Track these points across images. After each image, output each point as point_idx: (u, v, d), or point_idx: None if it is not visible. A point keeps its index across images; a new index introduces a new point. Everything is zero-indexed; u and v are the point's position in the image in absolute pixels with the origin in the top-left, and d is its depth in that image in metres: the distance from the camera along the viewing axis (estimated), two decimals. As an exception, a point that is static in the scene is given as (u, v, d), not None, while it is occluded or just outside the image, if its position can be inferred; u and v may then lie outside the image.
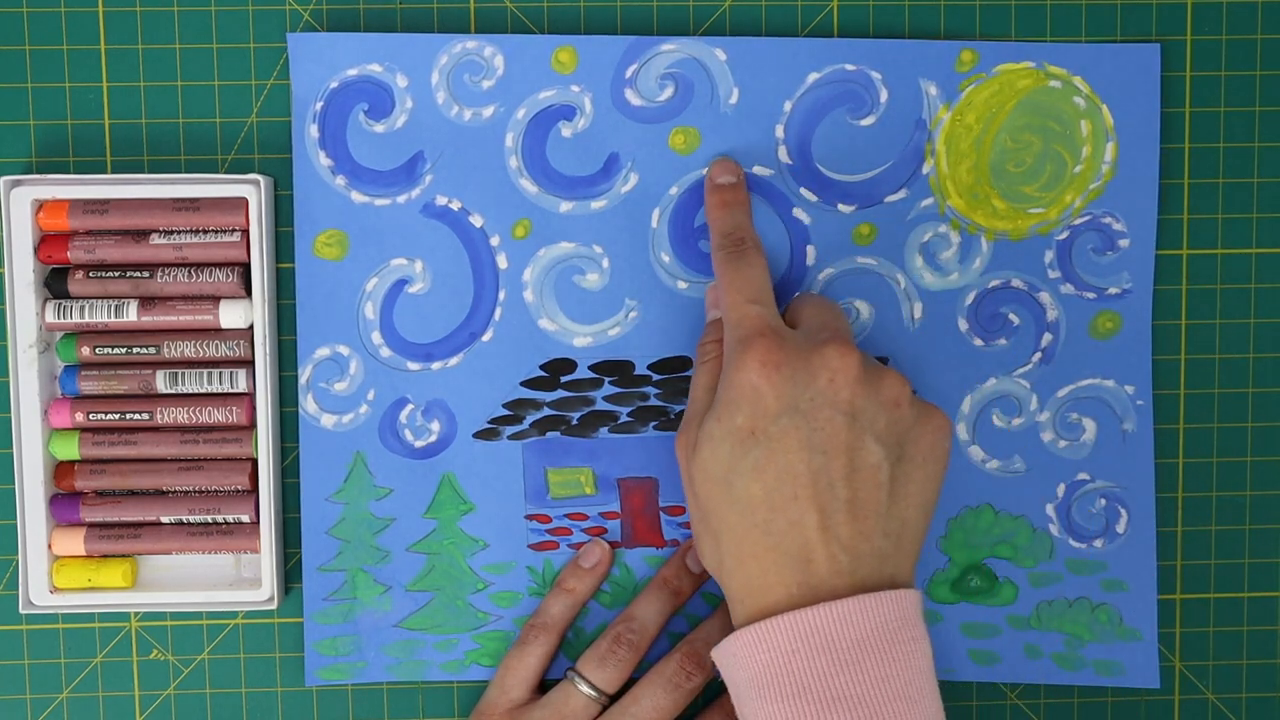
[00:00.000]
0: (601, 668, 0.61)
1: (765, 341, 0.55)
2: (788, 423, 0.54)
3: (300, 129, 0.62)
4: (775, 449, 0.54)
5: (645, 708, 0.60)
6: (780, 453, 0.54)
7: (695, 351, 0.61)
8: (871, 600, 0.53)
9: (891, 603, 0.53)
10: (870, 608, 0.53)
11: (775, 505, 0.54)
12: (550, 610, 0.63)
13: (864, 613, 0.53)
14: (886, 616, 0.53)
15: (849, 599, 0.52)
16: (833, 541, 0.54)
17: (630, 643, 0.61)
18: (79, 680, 0.64)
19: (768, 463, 0.54)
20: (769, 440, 0.54)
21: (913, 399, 0.57)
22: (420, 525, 0.64)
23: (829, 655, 0.52)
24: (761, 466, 0.54)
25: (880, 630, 0.53)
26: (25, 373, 0.61)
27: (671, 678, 0.60)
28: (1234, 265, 0.65)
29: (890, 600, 0.53)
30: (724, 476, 0.55)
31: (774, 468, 0.54)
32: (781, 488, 0.54)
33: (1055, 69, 0.63)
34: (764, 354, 0.55)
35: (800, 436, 0.54)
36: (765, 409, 0.54)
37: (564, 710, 0.61)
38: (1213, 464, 0.65)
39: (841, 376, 0.55)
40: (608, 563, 0.64)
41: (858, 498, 0.54)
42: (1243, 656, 0.66)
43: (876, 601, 0.53)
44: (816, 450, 0.54)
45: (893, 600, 0.53)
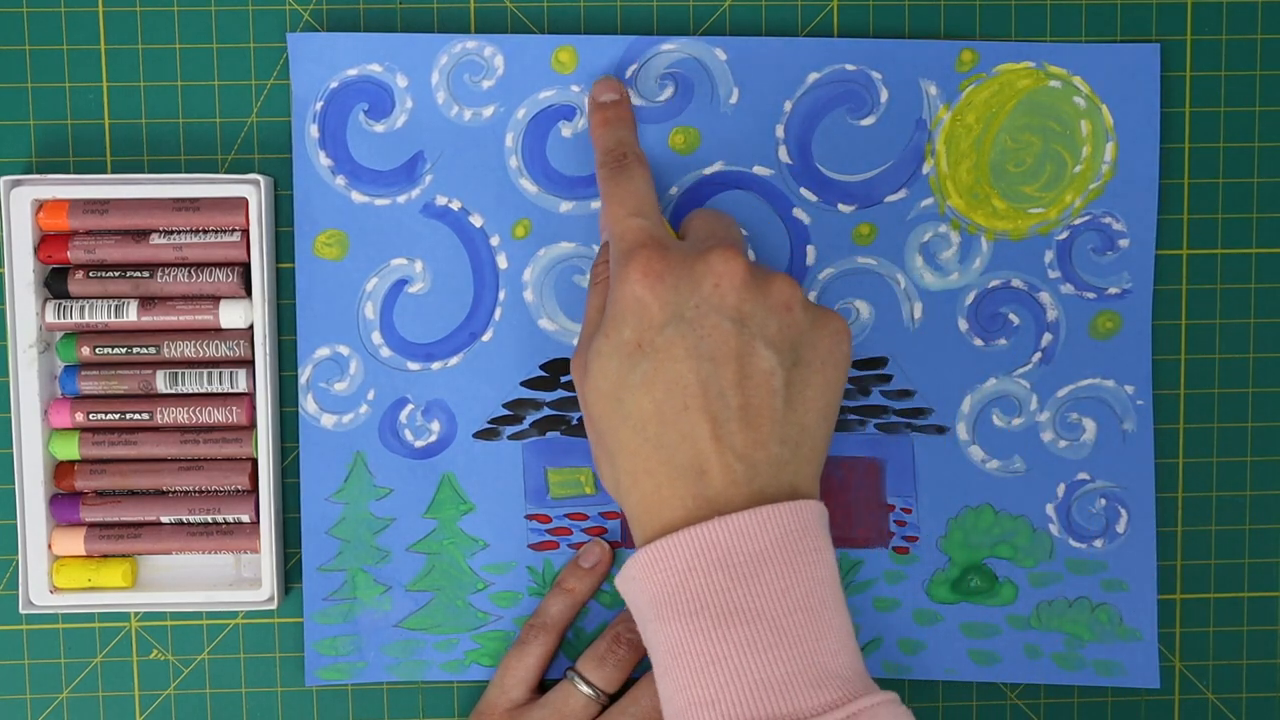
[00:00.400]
0: (601, 667, 0.61)
1: (647, 252, 0.54)
2: (673, 332, 0.53)
3: (300, 129, 0.62)
4: (662, 360, 0.53)
5: (644, 706, 0.60)
6: (668, 363, 0.53)
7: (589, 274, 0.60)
8: (768, 512, 0.51)
9: (790, 514, 0.52)
10: (767, 519, 0.51)
11: (666, 418, 0.53)
12: (550, 610, 0.63)
13: (761, 525, 0.51)
14: (785, 528, 0.51)
15: (744, 512, 0.51)
16: (727, 451, 0.52)
17: (630, 642, 0.61)
18: (79, 680, 0.64)
19: (656, 375, 0.53)
20: (655, 352, 0.53)
21: (805, 303, 0.55)
22: (420, 525, 0.64)
23: (725, 570, 0.51)
24: (650, 379, 0.53)
25: (779, 542, 0.51)
26: (25, 373, 0.61)
27: None
28: (1234, 265, 0.65)
29: (788, 511, 0.52)
30: (614, 393, 0.54)
31: (662, 379, 0.53)
32: (671, 399, 0.53)
33: (1055, 69, 0.63)
34: (646, 264, 0.54)
35: (687, 345, 0.53)
36: (650, 320, 0.53)
37: (563, 710, 0.61)
38: (1213, 464, 0.65)
39: (727, 281, 0.53)
40: (608, 563, 0.64)
41: (750, 405, 0.53)
42: (1243, 656, 0.66)
43: (774, 513, 0.51)
44: (704, 359, 0.53)
45: (791, 511, 0.52)
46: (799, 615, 0.51)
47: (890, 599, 0.64)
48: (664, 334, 0.53)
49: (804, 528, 0.52)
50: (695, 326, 0.53)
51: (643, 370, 0.53)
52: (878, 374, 0.64)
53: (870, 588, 0.64)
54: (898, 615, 0.64)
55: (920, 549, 0.64)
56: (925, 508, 0.64)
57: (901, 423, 0.64)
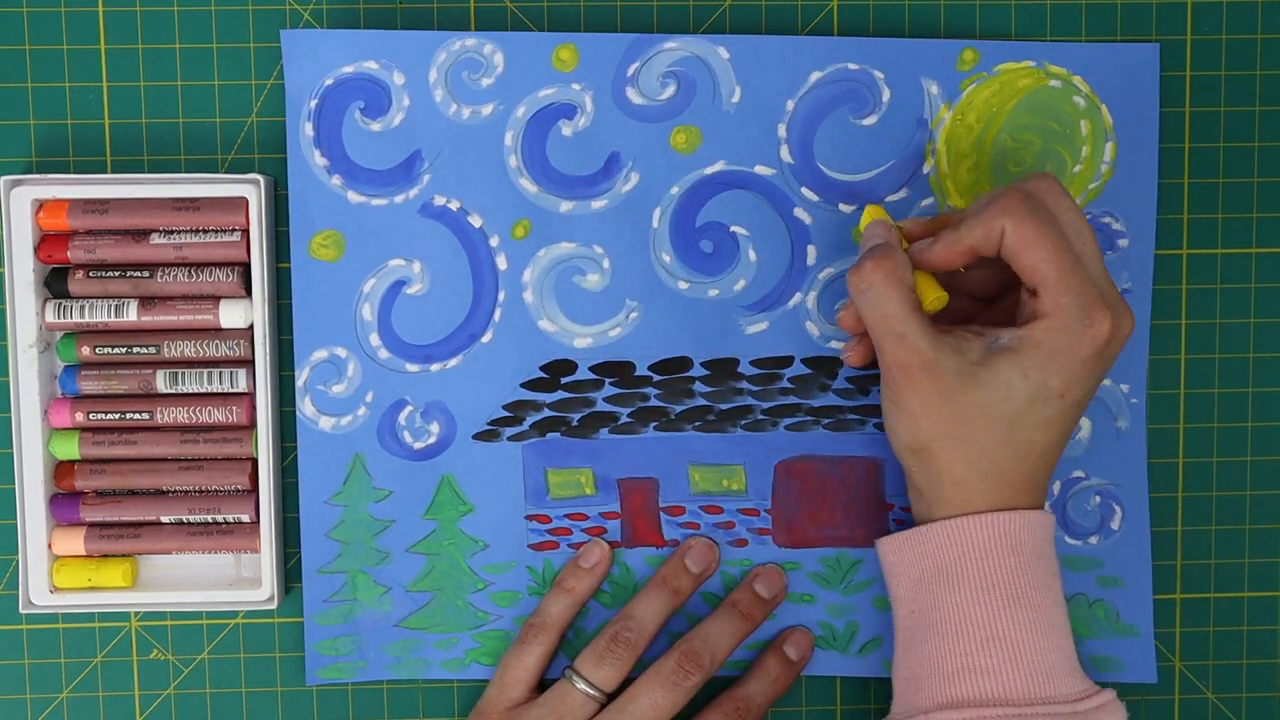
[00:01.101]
0: (599, 666, 0.61)
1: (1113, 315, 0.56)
2: (1091, 389, 0.57)
3: (295, 127, 0.62)
4: (1070, 410, 0.57)
5: (643, 705, 0.60)
6: (1073, 412, 0.57)
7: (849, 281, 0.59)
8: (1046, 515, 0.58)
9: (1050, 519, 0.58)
10: (1045, 519, 0.57)
11: (1047, 453, 0.57)
12: (550, 610, 0.63)
13: (1041, 523, 0.57)
14: (1048, 531, 0.58)
15: (1034, 510, 0.57)
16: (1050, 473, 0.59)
17: (628, 641, 0.61)
18: (79, 680, 0.64)
19: (1059, 420, 0.57)
20: (1072, 405, 0.56)
21: None
22: (420, 526, 0.64)
23: (1017, 556, 0.56)
24: (1052, 422, 0.56)
25: (1048, 541, 0.58)
26: (25, 373, 0.61)
27: (670, 676, 0.60)
28: (1234, 265, 0.65)
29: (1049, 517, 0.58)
30: (1010, 418, 0.56)
31: (1060, 424, 0.57)
32: (1060, 441, 0.57)
33: (1055, 68, 0.63)
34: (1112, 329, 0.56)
35: (1087, 399, 0.57)
36: (1086, 379, 0.56)
37: (561, 709, 0.61)
38: (1213, 464, 0.65)
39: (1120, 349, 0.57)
40: (607, 563, 0.64)
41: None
42: (1243, 656, 0.66)
43: (1046, 515, 0.58)
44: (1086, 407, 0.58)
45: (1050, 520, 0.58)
46: (1060, 609, 0.57)
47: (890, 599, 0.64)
48: (1084, 391, 0.57)
49: (1051, 534, 0.58)
50: (1099, 382, 0.58)
51: (1050, 414, 0.56)
52: (878, 374, 0.64)
53: (870, 587, 0.64)
54: (897, 615, 0.64)
55: (920, 549, 0.64)
56: (925, 508, 0.64)
57: (901, 422, 0.64)
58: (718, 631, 0.62)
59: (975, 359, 0.56)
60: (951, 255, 0.57)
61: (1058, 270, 0.55)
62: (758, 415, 0.64)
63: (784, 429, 0.64)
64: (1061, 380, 0.55)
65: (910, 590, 0.59)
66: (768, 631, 0.64)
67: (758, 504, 0.64)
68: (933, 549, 0.57)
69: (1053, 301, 0.55)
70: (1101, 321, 0.55)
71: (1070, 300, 0.55)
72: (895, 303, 0.56)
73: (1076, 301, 0.55)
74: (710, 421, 0.64)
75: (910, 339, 0.56)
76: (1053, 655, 0.56)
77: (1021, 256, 0.56)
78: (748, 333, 0.64)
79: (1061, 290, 0.55)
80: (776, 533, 0.64)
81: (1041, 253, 0.55)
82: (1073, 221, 0.56)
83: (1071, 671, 0.56)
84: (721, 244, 0.64)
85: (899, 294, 0.56)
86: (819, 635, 0.64)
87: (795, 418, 0.64)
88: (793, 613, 0.64)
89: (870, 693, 0.65)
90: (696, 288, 0.64)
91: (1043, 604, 0.56)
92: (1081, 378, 0.56)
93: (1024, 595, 0.56)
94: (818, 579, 0.64)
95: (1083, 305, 0.55)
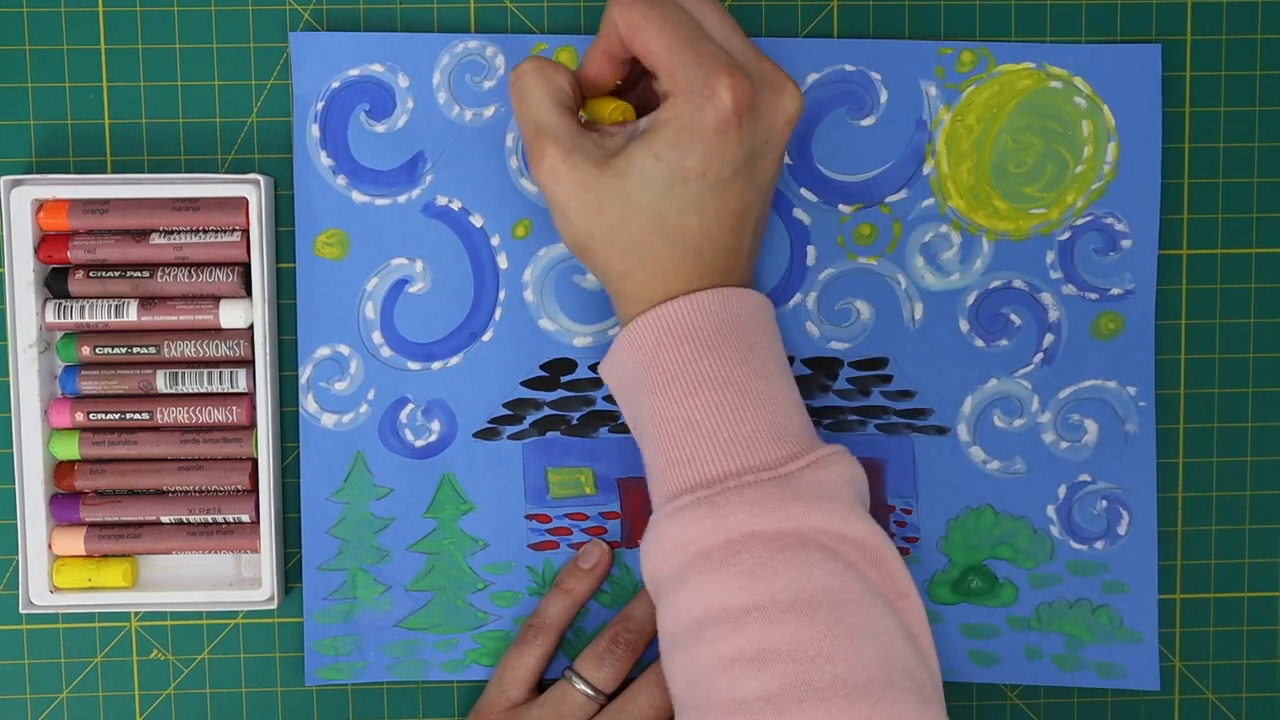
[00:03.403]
0: (599, 667, 0.61)
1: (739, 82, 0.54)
2: (741, 167, 0.55)
3: (301, 128, 0.62)
4: (721, 190, 0.55)
5: (642, 705, 0.60)
6: (725, 193, 0.55)
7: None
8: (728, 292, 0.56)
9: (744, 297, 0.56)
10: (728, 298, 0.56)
11: (709, 234, 0.55)
12: (549, 610, 0.63)
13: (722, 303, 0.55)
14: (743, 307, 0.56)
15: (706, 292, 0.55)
16: (744, 254, 0.57)
17: (628, 642, 0.61)
18: (79, 680, 0.64)
19: (709, 200, 0.55)
20: (719, 183, 0.55)
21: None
22: (420, 525, 0.64)
23: (693, 342, 0.55)
24: (702, 203, 0.55)
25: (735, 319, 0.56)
26: (25, 372, 0.61)
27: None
28: (1234, 265, 0.65)
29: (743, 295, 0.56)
30: (652, 205, 0.55)
31: (714, 205, 0.55)
32: (720, 221, 0.55)
33: (1056, 69, 0.63)
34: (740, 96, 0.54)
35: (748, 178, 0.55)
36: (726, 155, 0.54)
37: (561, 709, 0.61)
38: (1213, 464, 0.65)
39: (793, 121, 0.56)
40: (607, 563, 0.64)
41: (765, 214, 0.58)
42: (1243, 656, 0.66)
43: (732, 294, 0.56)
44: (757, 189, 0.56)
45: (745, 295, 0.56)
46: (758, 382, 0.55)
47: None
48: (733, 168, 0.55)
49: (754, 310, 0.57)
50: (759, 160, 0.56)
51: (696, 194, 0.54)
52: (878, 374, 0.64)
53: (870, 588, 0.64)
54: (898, 615, 0.64)
55: (920, 550, 0.64)
56: (925, 508, 0.64)
57: (902, 423, 0.64)
58: None
59: (615, 149, 0.55)
60: (593, 67, 0.57)
61: (667, 46, 0.54)
62: (758, 415, 0.64)
63: (784, 429, 0.64)
64: (697, 158, 0.54)
65: (624, 404, 0.58)
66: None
67: (758, 504, 0.64)
68: (618, 359, 0.57)
69: (669, 79, 0.54)
70: (721, 91, 0.53)
71: (685, 74, 0.54)
72: (539, 94, 0.56)
73: (692, 74, 0.54)
74: (711, 422, 0.64)
75: (548, 129, 0.55)
76: (750, 425, 0.54)
77: (634, 43, 0.55)
78: (748, 333, 0.64)
79: (675, 65, 0.54)
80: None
81: (650, 31, 0.54)
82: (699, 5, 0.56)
83: (777, 437, 0.55)
84: (722, 245, 0.64)
85: (546, 89, 0.56)
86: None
87: (796, 418, 0.64)
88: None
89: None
90: (697, 288, 0.64)
91: (736, 379, 0.55)
92: (720, 153, 0.54)
93: (709, 377, 0.55)
94: (817, 581, 0.64)
95: (700, 76, 0.53)
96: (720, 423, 0.54)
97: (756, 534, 0.52)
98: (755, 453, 0.54)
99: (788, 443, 0.55)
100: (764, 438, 0.54)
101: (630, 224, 0.55)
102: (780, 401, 0.55)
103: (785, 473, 0.53)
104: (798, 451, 0.54)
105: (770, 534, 0.52)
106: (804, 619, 0.51)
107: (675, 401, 0.55)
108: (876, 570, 0.54)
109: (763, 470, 0.54)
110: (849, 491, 0.54)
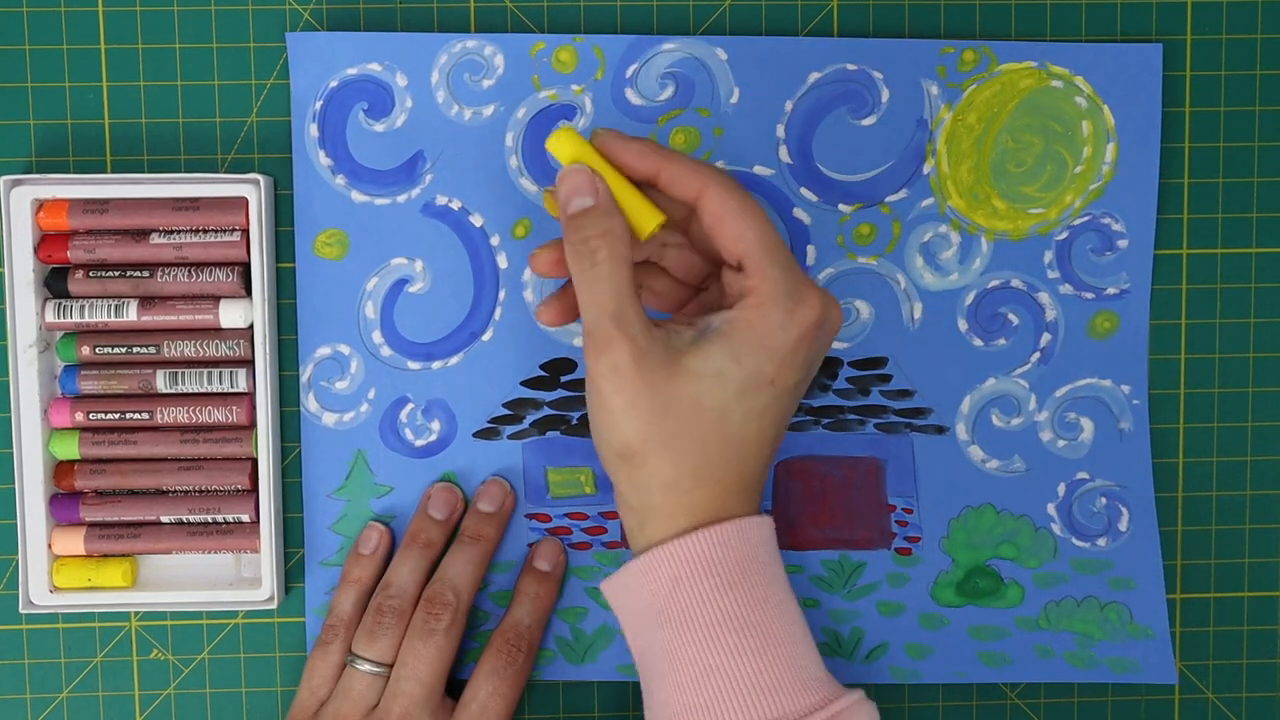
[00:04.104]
0: (373, 641, 0.61)
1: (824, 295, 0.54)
2: (801, 380, 0.55)
3: (300, 128, 0.62)
4: (783, 400, 0.55)
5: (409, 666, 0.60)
6: (785, 402, 0.55)
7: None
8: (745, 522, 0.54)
9: (759, 526, 0.55)
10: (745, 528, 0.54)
11: (760, 445, 0.55)
12: (342, 607, 0.62)
13: (740, 534, 0.54)
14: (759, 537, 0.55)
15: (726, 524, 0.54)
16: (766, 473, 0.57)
17: (393, 609, 0.61)
18: (79, 680, 0.64)
19: (771, 410, 0.54)
20: (783, 394, 0.54)
21: None
22: (421, 525, 0.64)
23: (712, 578, 0.53)
24: (763, 411, 0.54)
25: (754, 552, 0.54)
26: (25, 372, 0.61)
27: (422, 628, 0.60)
28: (1234, 265, 0.65)
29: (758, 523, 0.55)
30: (721, 408, 0.53)
31: (773, 415, 0.55)
32: (772, 430, 0.55)
33: (1057, 69, 0.63)
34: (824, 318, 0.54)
35: (800, 391, 0.56)
36: (796, 366, 0.54)
37: (351, 694, 0.60)
38: (1213, 464, 0.65)
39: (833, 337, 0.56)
40: (387, 545, 0.63)
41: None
42: (1243, 656, 0.66)
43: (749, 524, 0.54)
44: (797, 398, 0.56)
45: (760, 524, 0.55)
46: (779, 622, 0.54)
47: (895, 603, 0.64)
48: (796, 380, 0.55)
49: (766, 536, 0.55)
50: (809, 374, 0.56)
51: (762, 403, 0.54)
52: (878, 374, 0.64)
53: (874, 591, 0.64)
54: (903, 620, 0.64)
55: (923, 550, 0.64)
56: (926, 508, 0.64)
57: (901, 423, 0.64)
58: (455, 566, 0.61)
59: (685, 348, 0.53)
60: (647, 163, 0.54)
61: (761, 241, 0.53)
62: (758, 415, 0.64)
63: (784, 429, 0.64)
64: (774, 365, 0.53)
65: (634, 632, 0.56)
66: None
67: (758, 504, 0.64)
68: (628, 585, 0.55)
69: (760, 274, 0.53)
70: (812, 300, 0.53)
71: (779, 273, 0.53)
72: (619, 279, 0.53)
73: (786, 275, 0.53)
74: (711, 421, 0.64)
75: (625, 321, 0.52)
76: (772, 673, 0.53)
77: (725, 224, 0.53)
78: (748, 333, 0.64)
79: (768, 262, 0.53)
80: (778, 533, 0.64)
81: (747, 220, 0.53)
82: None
83: (801, 684, 0.53)
84: (721, 244, 0.64)
85: (623, 270, 0.53)
86: (823, 642, 0.64)
87: (795, 418, 0.64)
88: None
89: (870, 698, 0.65)
90: (697, 288, 0.64)
91: (758, 620, 0.53)
92: (792, 363, 0.54)
93: (731, 617, 0.53)
94: (820, 583, 0.64)
95: (792, 281, 0.53)
96: (741, 669, 0.52)
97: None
98: (780, 702, 0.52)
99: (810, 690, 0.53)
100: (787, 685, 0.53)
101: (696, 428, 0.53)
102: (798, 641, 0.54)
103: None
104: (821, 701, 0.53)
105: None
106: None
107: (693, 643, 0.53)
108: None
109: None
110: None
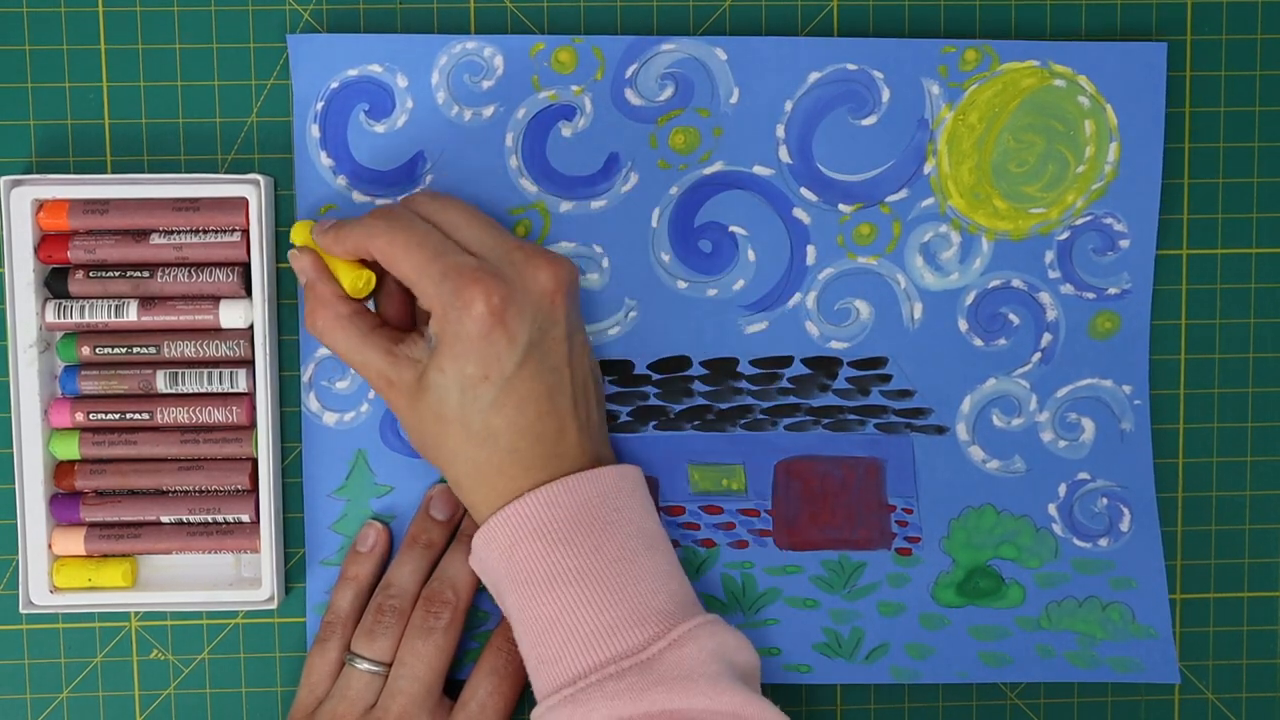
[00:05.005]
0: (372, 641, 0.61)
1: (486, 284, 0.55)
2: (522, 359, 0.56)
3: (301, 129, 0.62)
4: (511, 385, 0.56)
5: (409, 664, 0.60)
6: (516, 385, 0.56)
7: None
8: (572, 481, 0.56)
9: (589, 481, 0.57)
10: (573, 487, 0.56)
11: (520, 428, 0.56)
12: (340, 604, 0.62)
13: (569, 492, 0.56)
14: (587, 493, 0.57)
15: (547, 485, 0.56)
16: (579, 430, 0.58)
17: (393, 608, 0.61)
18: (79, 680, 0.64)
19: (505, 399, 0.56)
20: (504, 380, 0.56)
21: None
22: (421, 524, 0.64)
23: (542, 538, 0.56)
24: (499, 403, 0.56)
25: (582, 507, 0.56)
26: (25, 372, 0.61)
27: (422, 626, 0.61)
28: (1234, 265, 0.65)
29: (588, 479, 0.57)
30: (458, 418, 0.56)
31: (512, 400, 0.56)
32: (523, 413, 0.56)
33: (1060, 68, 0.63)
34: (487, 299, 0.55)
35: (534, 367, 0.56)
36: (498, 356, 0.56)
37: (349, 693, 0.61)
38: (1213, 464, 0.65)
39: (558, 296, 0.57)
40: (385, 543, 0.63)
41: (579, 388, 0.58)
42: (1243, 656, 0.66)
43: (575, 481, 0.56)
44: (548, 370, 0.57)
45: (590, 478, 0.57)
46: (615, 566, 0.56)
47: (895, 604, 0.64)
48: (514, 363, 0.56)
49: (607, 488, 0.57)
50: (544, 342, 0.57)
51: (488, 397, 0.56)
52: (878, 374, 0.64)
53: (874, 591, 0.64)
54: (904, 620, 0.64)
55: (923, 550, 0.64)
56: (926, 508, 0.64)
57: (901, 423, 0.64)
58: (454, 565, 0.62)
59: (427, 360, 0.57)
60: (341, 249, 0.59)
61: (415, 268, 0.56)
62: (757, 415, 0.64)
63: (783, 429, 0.64)
64: (475, 365, 0.56)
65: (496, 598, 0.59)
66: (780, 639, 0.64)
67: (758, 504, 0.64)
68: (481, 557, 0.58)
69: (424, 298, 0.56)
70: (473, 299, 0.55)
71: (435, 289, 0.56)
72: (346, 336, 0.58)
73: (441, 288, 0.56)
74: (709, 421, 0.64)
75: (371, 365, 0.58)
76: (609, 614, 0.55)
77: (392, 266, 0.57)
78: (747, 332, 0.64)
79: (426, 284, 0.56)
80: (778, 534, 0.64)
81: (397, 255, 0.57)
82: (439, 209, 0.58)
83: (639, 620, 0.55)
84: (720, 244, 0.64)
85: (346, 327, 0.58)
86: (823, 642, 0.64)
87: (795, 418, 0.64)
88: (795, 618, 0.64)
89: (870, 698, 0.65)
90: (695, 287, 0.64)
91: (591, 569, 0.55)
92: (494, 355, 0.56)
93: (564, 571, 0.55)
94: (820, 583, 0.64)
95: (451, 290, 0.55)
96: (580, 617, 0.55)
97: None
98: (616, 641, 0.54)
99: (649, 624, 0.55)
100: (624, 623, 0.55)
101: (447, 437, 0.57)
102: (641, 580, 0.56)
103: (645, 658, 0.54)
104: (659, 632, 0.55)
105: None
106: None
107: (535, 599, 0.56)
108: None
109: (624, 658, 0.54)
110: (715, 665, 0.54)
